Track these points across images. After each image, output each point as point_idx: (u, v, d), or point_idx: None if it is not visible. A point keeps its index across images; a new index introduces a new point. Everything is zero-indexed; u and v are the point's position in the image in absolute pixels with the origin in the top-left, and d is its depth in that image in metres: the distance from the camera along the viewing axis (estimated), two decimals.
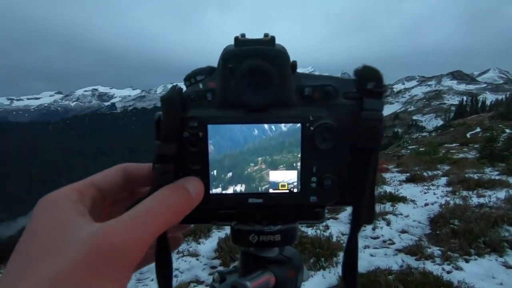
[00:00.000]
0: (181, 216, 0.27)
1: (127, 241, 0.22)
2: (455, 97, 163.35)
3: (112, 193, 0.31)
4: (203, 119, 0.30)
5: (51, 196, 0.26)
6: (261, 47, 0.30)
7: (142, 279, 3.64)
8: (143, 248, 0.23)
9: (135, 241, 0.22)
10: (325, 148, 0.31)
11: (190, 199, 0.28)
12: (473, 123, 36.08)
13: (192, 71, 0.32)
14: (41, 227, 0.24)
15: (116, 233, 0.22)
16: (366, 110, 0.30)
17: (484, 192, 6.00)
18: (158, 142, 0.29)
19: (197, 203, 0.29)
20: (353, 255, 0.33)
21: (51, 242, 0.22)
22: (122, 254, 0.22)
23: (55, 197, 0.26)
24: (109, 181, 0.31)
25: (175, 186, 0.28)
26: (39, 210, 0.25)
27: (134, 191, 0.35)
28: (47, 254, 0.22)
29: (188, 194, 0.28)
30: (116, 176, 0.31)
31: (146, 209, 0.25)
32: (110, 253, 0.21)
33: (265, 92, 0.31)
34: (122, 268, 0.22)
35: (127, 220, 0.23)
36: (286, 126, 0.31)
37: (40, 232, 0.23)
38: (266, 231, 0.33)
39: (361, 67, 0.31)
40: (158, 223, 0.24)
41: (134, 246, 0.22)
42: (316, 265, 3.43)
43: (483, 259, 3.38)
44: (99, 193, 0.29)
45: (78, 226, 0.23)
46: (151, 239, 0.24)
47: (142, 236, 0.23)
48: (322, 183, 0.31)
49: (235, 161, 0.32)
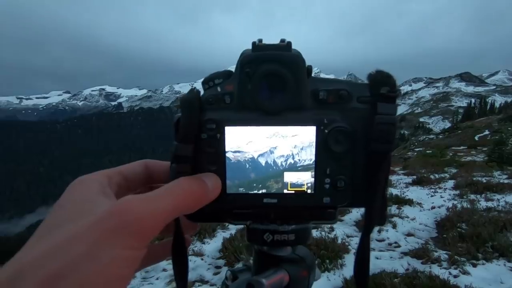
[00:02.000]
0: (197, 204, 0.28)
1: (143, 212, 0.23)
2: (463, 99, 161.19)
3: (135, 183, 0.33)
4: (221, 121, 0.31)
5: (84, 177, 0.29)
6: (278, 52, 0.31)
7: (147, 278, 3.67)
8: (158, 222, 0.24)
9: (151, 214, 0.24)
10: (339, 150, 0.32)
11: (207, 190, 0.29)
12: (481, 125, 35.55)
13: (210, 75, 0.33)
14: (68, 202, 0.26)
15: (134, 204, 0.23)
16: (379, 114, 0.31)
17: (493, 196, 5.91)
18: (176, 143, 0.30)
19: (213, 197, 0.30)
20: (365, 255, 0.33)
21: (75, 213, 0.24)
22: (137, 224, 0.23)
23: (86, 179, 0.28)
24: (134, 172, 0.33)
25: (193, 177, 0.30)
26: (70, 187, 0.28)
27: (153, 187, 0.36)
28: (70, 220, 0.23)
29: (205, 185, 0.29)
30: (140, 169, 0.33)
31: (164, 188, 0.26)
32: (126, 220, 0.22)
33: (281, 96, 0.32)
34: (136, 237, 0.23)
35: (148, 195, 0.25)
36: (301, 129, 0.32)
37: (66, 206, 0.25)
38: (280, 230, 0.34)
39: (375, 72, 0.32)
40: (174, 202, 0.26)
41: (150, 218, 0.24)
42: (321, 267, 3.42)
43: (491, 264, 3.33)
44: (125, 181, 0.32)
45: (101, 202, 0.25)
46: (166, 216, 0.25)
47: (158, 211, 0.24)
48: (336, 185, 0.32)
49: (251, 162, 0.33)
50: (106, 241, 0.21)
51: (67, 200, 0.26)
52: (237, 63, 0.32)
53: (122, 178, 0.31)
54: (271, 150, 0.32)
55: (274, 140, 0.32)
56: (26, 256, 0.22)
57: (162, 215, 0.24)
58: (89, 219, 0.22)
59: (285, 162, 0.33)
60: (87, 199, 0.26)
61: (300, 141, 0.32)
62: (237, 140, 0.32)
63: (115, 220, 0.22)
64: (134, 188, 0.34)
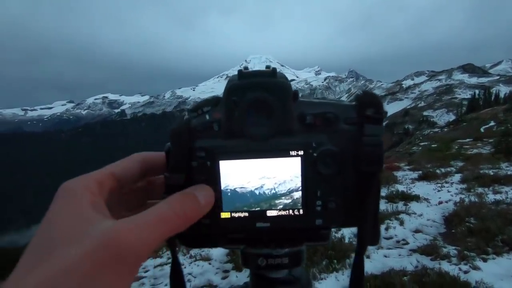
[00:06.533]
0: (189, 223, 0.28)
1: (135, 241, 0.23)
2: (467, 90, 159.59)
3: (130, 182, 0.33)
4: (210, 149, 0.32)
5: (70, 184, 0.27)
6: (263, 79, 0.32)
7: (156, 284, 3.69)
8: (149, 249, 0.25)
9: (142, 242, 0.24)
10: (328, 172, 0.32)
11: (199, 207, 0.29)
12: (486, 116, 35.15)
13: (198, 102, 0.34)
14: (58, 218, 0.25)
15: (126, 233, 0.24)
16: (366, 136, 0.31)
17: (501, 189, 5.84)
18: (166, 174, 0.31)
19: (206, 211, 0.30)
20: (359, 275, 0.34)
21: (65, 234, 0.24)
22: (129, 252, 0.23)
23: (74, 186, 0.27)
24: (127, 170, 0.32)
25: (185, 194, 0.29)
26: (58, 198, 0.27)
27: (150, 180, 0.36)
28: (61, 245, 0.23)
29: (198, 202, 0.29)
30: (134, 166, 0.33)
31: (156, 213, 0.26)
32: (118, 250, 0.23)
33: (268, 122, 0.32)
34: (128, 265, 0.23)
35: (138, 222, 0.25)
36: (291, 154, 0.32)
37: (56, 223, 0.25)
38: (274, 254, 0.35)
39: (361, 93, 0.33)
40: (165, 229, 0.26)
41: (141, 246, 0.24)
42: (329, 267, 3.41)
43: (502, 258, 3.29)
44: (117, 183, 0.31)
45: (92, 221, 0.25)
46: (158, 242, 0.25)
47: (149, 239, 0.24)
48: (327, 206, 0.32)
49: (243, 188, 0.33)
50: (97, 274, 0.22)
51: (56, 214, 0.26)
52: (223, 91, 0.33)
53: (113, 180, 0.30)
54: (262, 185, 0.33)
55: (265, 178, 0.33)
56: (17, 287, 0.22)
57: (153, 243, 0.25)
58: (82, 249, 0.23)
59: (277, 188, 0.33)
60: (77, 216, 0.25)
61: (288, 170, 0.32)
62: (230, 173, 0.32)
63: (106, 253, 0.22)
64: (129, 186, 0.33)
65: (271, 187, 0.33)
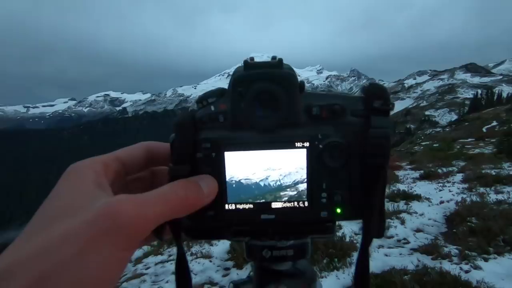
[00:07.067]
0: (189, 210, 0.28)
1: (134, 215, 0.24)
2: (469, 90, 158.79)
3: (134, 168, 0.33)
4: (216, 140, 0.32)
5: (78, 165, 0.28)
6: (269, 70, 0.32)
7: (157, 281, 3.70)
8: (148, 226, 0.25)
9: (141, 217, 0.24)
10: (334, 165, 0.32)
11: (201, 195, 0.29)
12: (489, 116, 34.98)
13: (204, 94, 0.33)
14: (64, 192, 0.26)
15: (127, 207, 0.24)
16: (373, 128, 0.31)
17: (503, 188, 5.81)
18: (171, 165, 0.31)
19: (208, 201, 0.30)
20: (364, 267, 0.33)
21: (69, 206, 0.24)
22: (128, 226, 0.23)
23: (82, 167, 0.28)
24: (133, 157, 0.33)
25: (189, 181, 0.30)
26: (65, 176, 0.27)
27: (154, 171, 0.36)
28: (63, 215, 0.24)
29: (201, 190, 0.29)
30: (139, 153, 0.33)
31: (158, 192, 0.27)
32: (118, 222, 0.23)
33: (274, 114, 0.32)
34: (126, 239, 0.23)
35: (138, 197, 0.25)
36: (297, 145, 0.32)
37: (61, 197, 0.26)
38: (278, 246, 0.34)
39: (368, 85, 0.32)
40: (165, 208, 0.26)
41: (140, 221, 0.24)
42: (330, 266, 3.41)
43: (503, 258, 3.28)
44: (122, 167, 0.32)
45: (95, 196, 0.25)
46: (156, 220, 0.25)
47: (148, 214, 0.25)
48: (332, 199, 0.32)
49: (250, 183, 0.33)
50: (97, 243, 0.22)
51: (61, 191, 0.26)
52: (229, 82, 0.33)
53: (119, 164, 0.31)
54: (267, 176, 0.33)
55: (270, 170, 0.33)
56: (16, 253, 0.22)
57: (153, 219, 0.25)
58: (81, 219, 0.23)
59: (282, 180, 0.33)
60: (82, 191, 0.26)
61: (294, 162, 0.32)
62: (235, 164, 0.32)
63: (107, 223, 0.23)
64: (133, 173, 0.34)
65: (276, 179, 0.33)
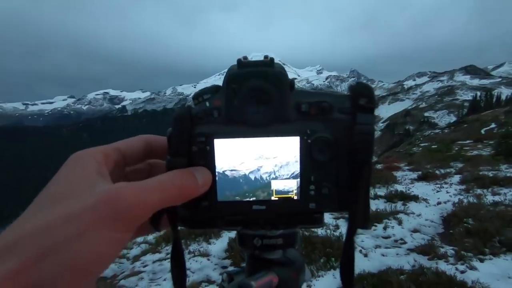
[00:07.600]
0: (185, 198, 0.30)
1: (132, 200, 0.25)
2: (468, 92, 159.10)
3: (133, 159, 0.35)
4: (210, 134, 0.34)
5: (81, 153, 0.30)
6: (262, 69, 0.33)
7: (155, 279, 3.72)
8: (146, 212, 0.26)
9: (140, 203, 0.26)
10: (322, 159, 0.33)
11: (196, 184, 0.31)
12: (487, 118, 35.09)
13: (199, 90, 0.35)
14: (65, 178, 0.28)
15: (126, 193, 0.25)
16: (359, 124, 0.33)
17: (500, 190, 5.85)
18: (169, 157, 0.32)
19: (203, 191, 0.32)
20: (349, 257, 0.35)
21: (71, 190, 0.26)
22: (127, 212, 0.25)
23: (84, 155, 0.30)
24: (132, 148, 0.34)
25: (185, 171, 0.31)
26: (68, 163, 0.29)
27: (151, 164, 0.38)
28: (65, 198, 0.25)
29: (196, 180, 0.31)
30: (138, 145, 0.35)
31: (155, 180, 0.28)
32: (116, 208, 0.25)
33: (266, 110, 0.34)
34: (124, 223, 0.25)
35: (137, 184, 0.27)
36: (286, 139, 0.34)
37: (63, 182, 0.27)
38: (268, 235, 0.36)
39: (355, 84, 0.34)
40: (162, 196, 0.28)
41: (138, 207, 0.26)
42: (326, 265, 3.44)
43: (499, 259, 3.31)
44: (122, 158, 0.33)
45: (95, 183, 0.27)
46: (154, 206, 0.27)
47: (146, 200, 0.26)
48: (320, 191, 0.34)
49: (241, 175, 0.35)
50: (97, 225, 0.24)
51: (64, 176, 0.28)
52: (223, 79, 0.34)
53: (119, 154, 0.33)
54: (258, 168, 0.35)
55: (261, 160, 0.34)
56: (21, 228, 0.23)
57: (150, 205, 0.27)
58: (83, 203, 0.24)
59: (272, 173, 0.35)
60: (84, 177, 0.27)
61: (285, 152, 0.34)
62: (225, 152, 0.34)
63: (107, 207, 0.24)
64: (132, 164, 0.35)
65: (269, 171, 0.35)
